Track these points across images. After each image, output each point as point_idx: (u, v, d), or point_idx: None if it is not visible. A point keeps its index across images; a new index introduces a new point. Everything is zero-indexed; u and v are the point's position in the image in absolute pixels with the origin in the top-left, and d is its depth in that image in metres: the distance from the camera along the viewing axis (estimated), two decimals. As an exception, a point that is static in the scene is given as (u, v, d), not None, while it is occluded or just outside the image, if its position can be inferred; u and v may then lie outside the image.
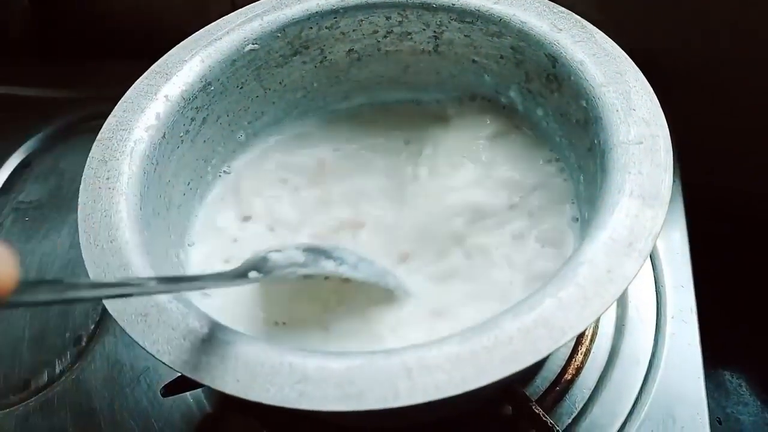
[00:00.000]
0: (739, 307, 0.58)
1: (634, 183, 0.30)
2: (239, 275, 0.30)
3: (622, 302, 0.44)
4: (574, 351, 0.42)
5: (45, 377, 0.46)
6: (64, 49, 0.69)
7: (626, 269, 0.27)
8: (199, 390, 0.42)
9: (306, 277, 0.33)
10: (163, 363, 0.27)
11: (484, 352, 0.26)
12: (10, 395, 0.45)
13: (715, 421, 0.55)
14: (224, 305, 0.34)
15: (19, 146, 0.60)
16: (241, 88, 0.41)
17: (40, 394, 0.45)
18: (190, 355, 0.27)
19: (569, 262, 0.28)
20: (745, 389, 0.58)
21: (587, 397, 0.40)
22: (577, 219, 0.37)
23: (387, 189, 0.41)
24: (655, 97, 0.33)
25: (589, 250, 0.28)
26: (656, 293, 0.44)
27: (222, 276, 0.31)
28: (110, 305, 0.29)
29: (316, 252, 0.33)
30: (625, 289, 0.27)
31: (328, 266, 0.33)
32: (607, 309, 0.27)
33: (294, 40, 0.42)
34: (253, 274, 0.30)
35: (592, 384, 0.41)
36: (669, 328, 0.43)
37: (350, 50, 0.43)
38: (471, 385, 0.25)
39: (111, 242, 0.31)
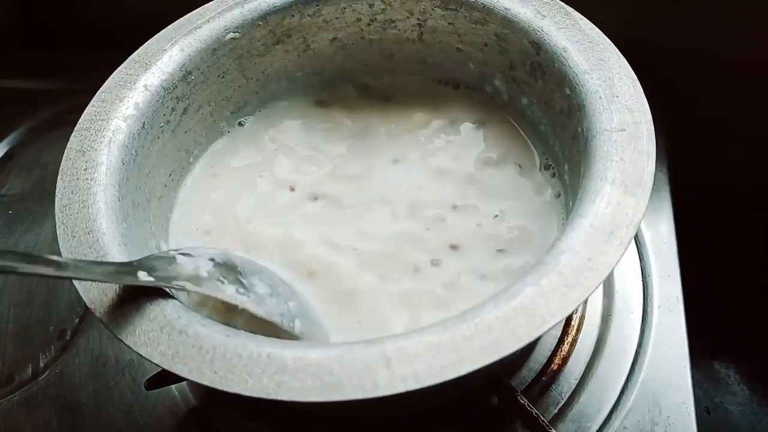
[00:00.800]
0: (729, 297, 0.58)
1: (617, 170, 0.30)
2: (124, 272, 0.26)
3: (608, 292, 0.44)
4: (561, 341, 0.42)
5: (29, 371, 0.45)
6: (48, 41, 0.68)
7: (607, 257, 0.27)
8: (184, 383, 0.42)
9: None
10: (140, 355, 0.27)
11: (464, 341, 0.25)
12: (-7, 390, 0.45)
13: (703, 411, 0.55)
14: None
15: (2, 139, 0.60)
16: (223, 77, 0.41)
17: (24, 388, 0.44)
18: (167, 346, 0.27)
19: (550, 251, 0.28)
20: (734, 379, 0.58)
21: (573, 387, 0.40)
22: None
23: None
24: (639, 83, 0.33)
25: (570, 238, 0.28)
26: (643, 283, 0.44)
27: (98, 267, 0.27)
28: (85, 296, 0.28)
29: (226, 269, 0.30)
30: (606, 277, 0.27)
31: (226, 291, 0.30)
32: (588, 297, 0.27)
33: (276, 28, 0.41)
34: (142, 275, 0.27)
35: (578, 374, 0.41)
36: (655, 317, 0.43)
37: (334, 39, 0.43)
38: (451, 374, 0.25)
39: (88, 233, 0.31)
